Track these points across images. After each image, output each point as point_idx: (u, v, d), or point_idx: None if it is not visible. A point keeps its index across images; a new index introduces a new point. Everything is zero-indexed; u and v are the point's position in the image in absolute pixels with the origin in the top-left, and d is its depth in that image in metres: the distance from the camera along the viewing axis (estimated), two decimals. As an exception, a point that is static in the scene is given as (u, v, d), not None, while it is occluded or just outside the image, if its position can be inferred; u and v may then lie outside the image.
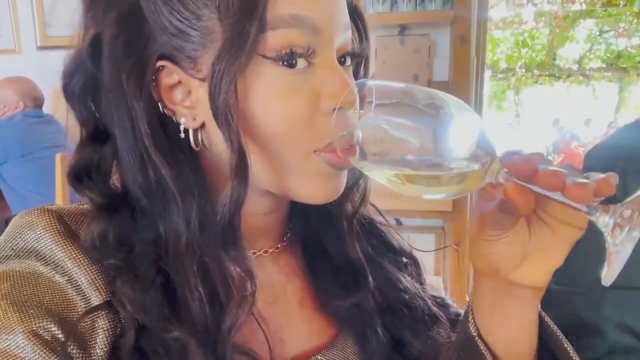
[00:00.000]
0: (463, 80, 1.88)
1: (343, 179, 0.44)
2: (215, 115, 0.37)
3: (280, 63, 0.38)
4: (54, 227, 0.39)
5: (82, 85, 0.41)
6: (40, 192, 2.09)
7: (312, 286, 0.52)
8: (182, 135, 0.41)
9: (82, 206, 0.43)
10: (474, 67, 1.97)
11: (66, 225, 0.40)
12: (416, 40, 1.97)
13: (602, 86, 11.01)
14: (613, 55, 10.00)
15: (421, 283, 0.56)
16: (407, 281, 0.53)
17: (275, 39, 0.37)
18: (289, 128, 0.39)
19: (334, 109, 0.39)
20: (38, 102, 2.28)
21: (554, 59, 10.49)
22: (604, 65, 10.32)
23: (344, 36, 0.42)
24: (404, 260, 0.56)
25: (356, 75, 0.48)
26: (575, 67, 10.52)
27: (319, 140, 0.40)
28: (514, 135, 9.75)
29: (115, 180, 0.43)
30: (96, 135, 0.42)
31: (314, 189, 0.42)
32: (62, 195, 1.92)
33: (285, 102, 0.38)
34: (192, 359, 0.37)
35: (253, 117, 0.38)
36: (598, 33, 9.89)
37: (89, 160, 0.42)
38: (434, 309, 0.54)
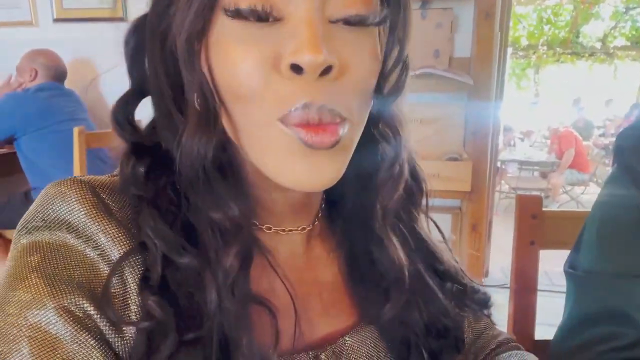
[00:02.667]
0: (486, 57, 1.83)
1: (325, 163, 0.37)
2: (181, 68, 0.38)
3: (240, 18, 0.35)
4: (88, 199, 0.38)
5: (133, 47, 0.43)
6: (58, 165, 2.11)
7: (343, 273, 0.50)
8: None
9: (112, 178, 0.42)
10: (497, 44, 1.92)
11: (100, 198, 0.39)
12: (438, 14, 1.91)
13: (625, 65, 10.71)
14: (639, 33, 9.68)
15: (462, 309, 0.52)
16: (450, 306, 0.50)
17: None
18: (242, 86, 0.36)
19: (295, 70, 0.34)
20: (61, 75, 2.27)
21: (577, 37, 10.19)
22: (628, 44, 10.02)
23: None
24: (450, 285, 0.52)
25: (390, 46, 0.42)
26: (598, 45, 10.22)
27: (279, 105, 0.36)
28: (535, 114, 9.58)
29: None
30: (139, 87, 0.44)
31: (286, 168, 0.37)
32: (79, 168, 1.93)
33: (238, 57, 0.35)
34: (206, 283, 0.37)
35: (215, 72, 0.37)
36: (624, 10, 9.57)
37: (132, 106, 0.44)
38: (466, 335, 0.53)
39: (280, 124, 0.36)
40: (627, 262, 0.55)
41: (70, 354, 0.33)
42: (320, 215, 0.50)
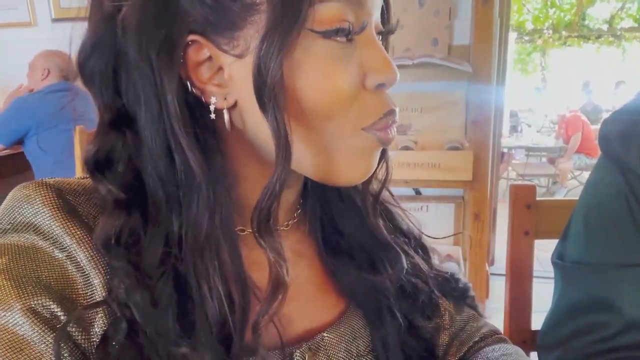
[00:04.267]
0: (485, 44, 1.80)
1: (377, 157, 0.44)
2: (260, 95, 0.35)
3: (329, 37, 0.36)
4: (53, 201, 0.38)
5: (102, 65, 0.38)
6: (64, 163, 2.13)
7: (323, 264, 0.51)
8: (213, 116, 0.38)
9: (83, 180, 0.41)
10: (497, 30, 1.89)
11: (65, 200, 0.39)
12: (436, 1, 1.89)
13: (633, 47, 10.53)
14: (646, 14, 9.51)
15: (431, 268, 0.55)
16: (417, 263, 0.52)
17: (324, 12, 0.36)
18: (336, 104, 0.38)
19: (378, 86, 0.39)
20: (72, 76, 2.28)
21: (584, 19, 10.03)
22: (636, 25, 9.84)
23: (378, 12, 0.41)
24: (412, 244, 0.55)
25: None
26: (605, 27, 10.05)
27: (367, 117, 0.40)
28: (541, 99, 9.46)
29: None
30: (119, 120, 0.39)
31: (357, 166, 0.42)
32: (82, 168, 1.95)
33: (333, 77, 0.37)
34: None
35: (299, 95, 0.37)
36: (631, -10, 9.41)
37: (112, 148, 0.39)
38: (439, 297, 0.54)
39: (363, 132, 0.40)
40: (613, 252, 0.54)
41: (38, 354, 0.33)
42: (299, 211, 0.51)
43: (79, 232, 0.37)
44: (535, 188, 0.80)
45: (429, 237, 0.57)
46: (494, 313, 0.61)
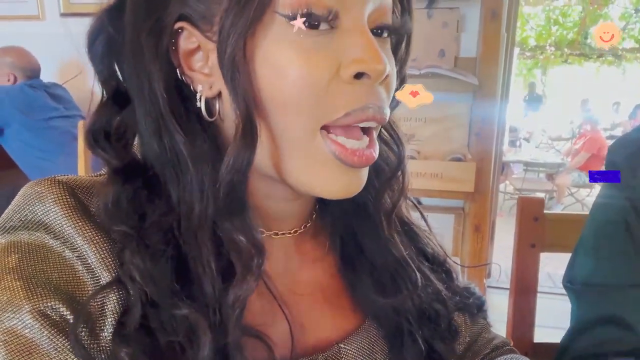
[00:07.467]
0: (492, 57, 1.81)
1: (359, 173, 0.40)
2: (223, 74, 0.35)
3: (297, 22, 0.35)
4: (65, 200, 0.37)
5: (104, 46, 0.40)
6: (49, 158, 2.11)
7: (340, 275, 0.50)
8: (198, 104, 0.39)
9: (95, 178, 0.41)
10: (503, 44, 1.90)
11: (78, 199, 0.38)
12: (444, 13, 1.90)
13: (633, 67, 10.63)
14: (648, 35, 9.60)
15: (453, 293, 0.53)
16: (442, 289, 0.51)
17: None
18: (300, 94, 0.35)
19: (356, 76, 0.36)
20: (37, 72, 2.21)
21: (586, 38, 10.11)
22: (637, 46, 9.93)
23: (380, 2, 0.38)
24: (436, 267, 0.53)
25: (396, 54, 0.43)
26: (606, 46, 10.12)
27: (331, 111, 0.36)
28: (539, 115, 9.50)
29: (135, 148, 0.42)
30: (117, 97, 0.41)
31: (327, 184, 0.38)
32: (84, 162, 1.95)
33: (300, 64, 0.35)
34: (201, 338, 0.35)
35: (262, 80, 0.35)
36: (633, 11, 9.48)
37: (108, 122, 0.40)
38: (458, 322, 0.53)
39: (321, 135, 0.37)
40: (618, 273, 0.55)
41: (47, 358, 0.33)
42: (314, 216, 0.50)
43: (90, 233, 0.37)
44: (543, 201, 0.81)
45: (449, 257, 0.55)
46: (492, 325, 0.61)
